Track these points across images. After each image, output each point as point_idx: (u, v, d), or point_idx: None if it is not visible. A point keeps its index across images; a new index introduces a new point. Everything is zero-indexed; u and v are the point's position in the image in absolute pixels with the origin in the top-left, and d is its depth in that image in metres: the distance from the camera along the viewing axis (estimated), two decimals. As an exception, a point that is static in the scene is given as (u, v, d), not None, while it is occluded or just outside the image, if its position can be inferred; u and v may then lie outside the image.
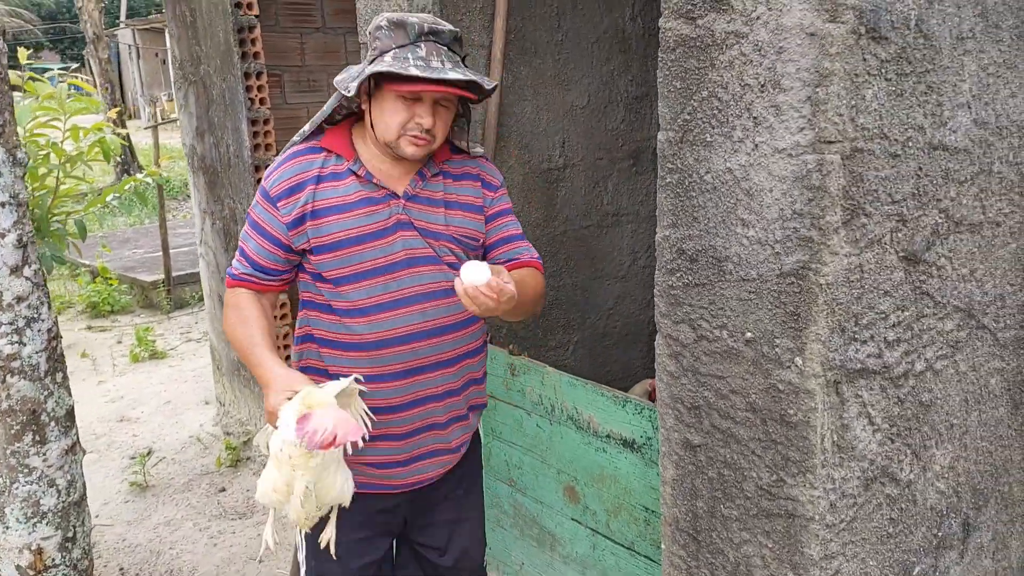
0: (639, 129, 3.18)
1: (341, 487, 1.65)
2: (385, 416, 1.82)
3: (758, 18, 1.52)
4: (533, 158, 2.89)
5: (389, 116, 1.73)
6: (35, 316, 1.97)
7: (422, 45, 1.68)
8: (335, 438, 1.48)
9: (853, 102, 1.49)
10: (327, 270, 1.78)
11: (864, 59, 1.49)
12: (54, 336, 2.04)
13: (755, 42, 1.53)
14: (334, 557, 1.79)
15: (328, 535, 1.75)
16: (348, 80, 1.74)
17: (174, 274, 6.86)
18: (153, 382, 5.02)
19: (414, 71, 1.63)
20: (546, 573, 2.59)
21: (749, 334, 1.66)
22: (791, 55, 1.48)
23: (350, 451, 1.62)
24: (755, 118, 1.56)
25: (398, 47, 1.68)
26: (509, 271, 1.78)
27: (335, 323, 1.82)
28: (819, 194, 1.50)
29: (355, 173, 1.79)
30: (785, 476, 1.67)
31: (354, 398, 1.69)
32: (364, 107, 1.78)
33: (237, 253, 1.86)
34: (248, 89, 3.43)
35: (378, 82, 1.72)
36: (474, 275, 1.59)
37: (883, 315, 1.65)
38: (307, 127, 1.89)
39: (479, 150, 1.98)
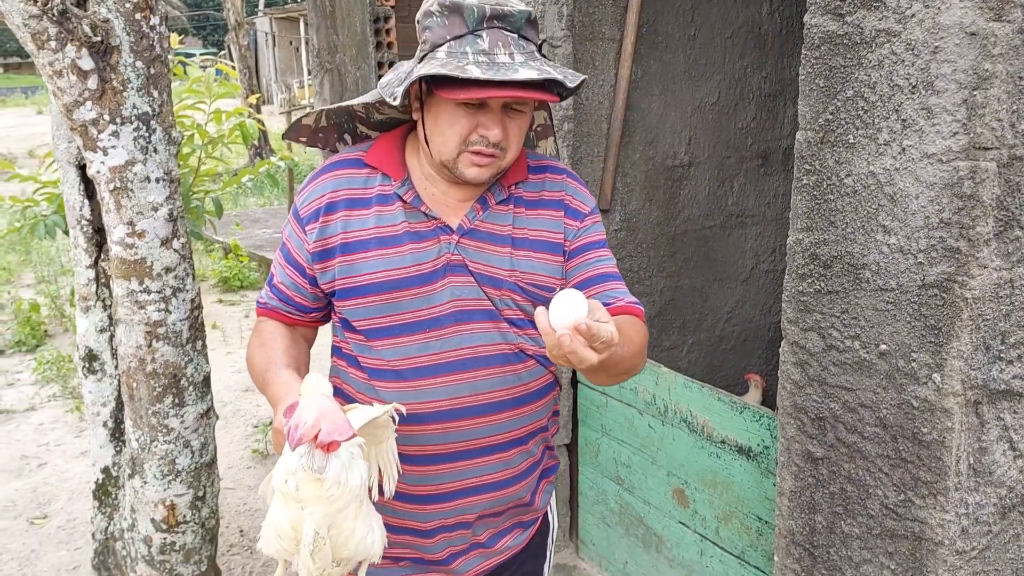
0: (770, 128, 3.09)
1: (364, 536, 1.23)
2: (408, 506, 1.44)
3: (913, 16, 1.45)
4: (657, 154, 2.86)
5: (446, 128, 1.32)
6: (180, 286, 2.09)
7: (484, 34, 1.27)
8: (317, 434, 1.13)
9: (1015, 107, 1.40)
10: (357, 319, 1.40)
11: (1031, 61, 1.40)
12: (196, 306, 2.16)
13: (908, 41, 1.46)
14: None
15: None
16: (394, 84, 1.34)
17: (299, 254, 7.16)
18: (275, 356, 5.26)
19: (474, 71, 1.23)
20: (650, 574, 2.57)
21: (884, 346, 1.59)
22: (948, 55, 1.41)
23: (376, 495, 1.28)
24: (904, 120, 1.49)
25: (454, 38, 1.27)
26: None
27: (363, 383, 1.43)
28: (970, 203, 1.42)
29: (401, 198, 1.40)
30: (914, 497, 1.59)
31: (387, 435, 1.31)
32: (416, 116, 1.39)
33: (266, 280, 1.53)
34: (380, 78, 3.51)
35: (431, 86, 1.31)
36: (565, 309, 1.13)
37: (1034, 335, 1.55)
38: (356, 99, 1.48)
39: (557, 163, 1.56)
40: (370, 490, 1.25)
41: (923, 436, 1.55)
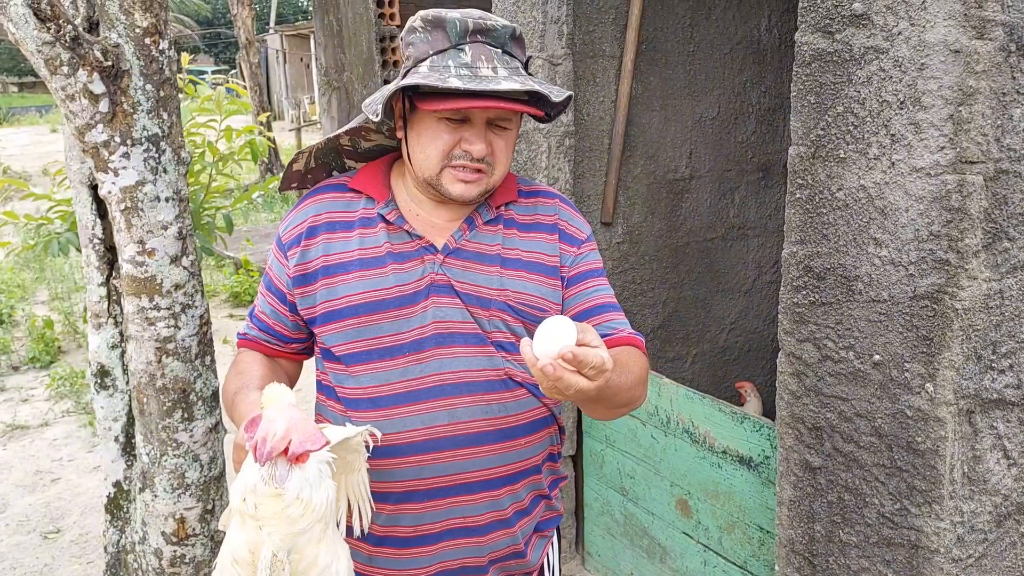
0: (771, 142, 3.12)
1: (328, 565, 1.12)
2: (381, 551, 1.36)
3: (899, 34, 1.49)
4: (659, 168, 2.89)
5: (428, 143, 1.29)
6: (190, 303, 2.14)
7: (467, 48, 1.26)
8: (288, 444, 1.05)
9: (999, 122, 1.43)
10: (336, 344, 1.34)
11: (1013, 77, 1.43)
12: (205, 322, 2.21)
13: (895, 58, 1.50)
14: None
15: None
16: (378, 100, 1.31)
17: (309, 269, 7.23)
18: (285, 370, 5.30)
19: (455, 82, 1.21)
20: (654, 584, 2.59)
21: (877, 357, 1.62)
22: (933, 72, 1.44)
23: (343, 531, 1.19)
24: (893, 135, 1.52)
25: (436, 53, 1.26)
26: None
27: (338, 415, 1.37)
28: (958, 216, 1.45)
29: (384, 218, 1.36)
30: (910, 505, 1.61)
31: (359, 463, 1.22)
32: (400, 135, 1.36)
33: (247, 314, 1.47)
34: (386, 96, 3.57)
35: (414, 101, 1.28)
36: (550, 337, 1.07)
37: (1025, 344, 1.57)
38: (319, 143, 1.48)
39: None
40: (337, 524, 1.17)
41: (917, 445, 1.58)
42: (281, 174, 1.65)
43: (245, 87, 12.59)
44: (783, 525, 1.89)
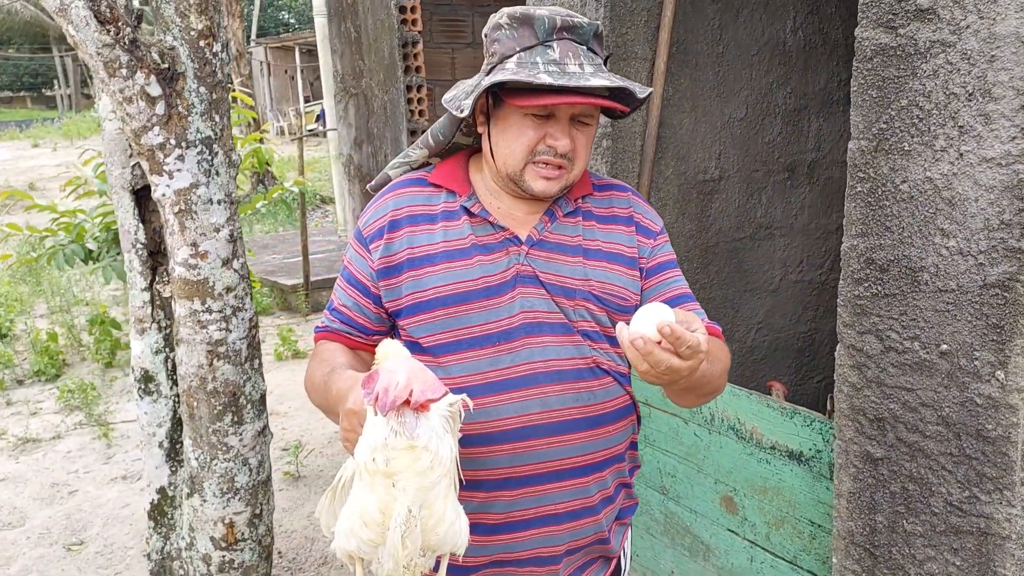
0: (795, 142, 3.15)
1: (454, 522, 1.14)
2: (478, 538, 1.33)
3: (968, 27, 1.51)
4: (689, 169, 2.92)
5: (514, 139, 1.32)
6: (240, 306, 2.13)
7: (555, 45, 1.28)
8: (411, 394, 1.06)
9: (1073, 111, 1.46)
10: (424, 335, 1.35)
11: (1087, 67, 1.45)
12: (254, 325, 2.20)
13: (963, 51, 1.52)
14: None
15: None
16: (460, 97, 1.35)
17: (311, 279, 7.20)
18: (297, 380, 5.28)
19: (546, 78, 1.24)
20: (697, 583, 2.59)
21: (944, 346, 1.64)
22: (1004, 63, 1.47)
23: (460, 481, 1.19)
24: (961, 127, 1.54)
25: (523, 49, 1.29)
26: None
27: None
28: (1031, 204, 1.47)
29: (468, 211, 1.39)
30: (979, 493, 1.63)
31: (453, 432, 1.18)
32: (482, 130, 1.39)
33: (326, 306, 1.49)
34: (409, 101, 3.60)
35: (498, 97, 1.32)
36: (647, 317, 1.11)
37: (1093, 331, 1.60)
38: (413, 151, 1.50)
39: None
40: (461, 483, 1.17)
41: (987, 432, 1.60)
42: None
43: (251, 95, 12.54)
44: (842, 517, 1.91)
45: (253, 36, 26.76)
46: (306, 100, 25.13)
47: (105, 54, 1.79)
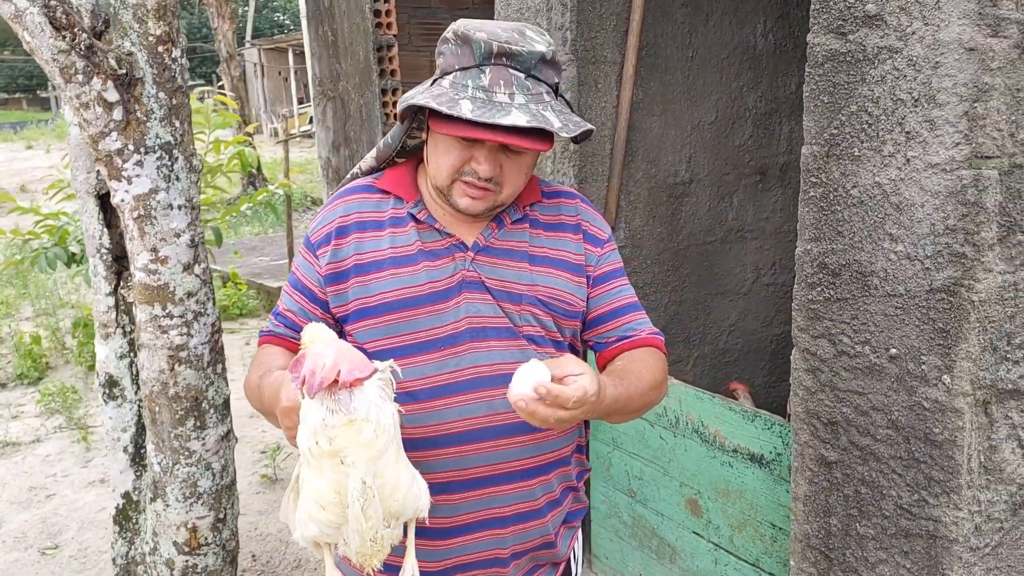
0: (766, 146, 3.17)
1: (410, 485, 1.17)
2: (426, 543, 1.36)
3: (913, 33, 1.52)
4: (659, 173, 2.93)
5: (441, 156, 1.33)
6: (202, 311, 2.13)
7: (487, 70, 1.26)
8: (338, 373, 1.07)
9: (1014, 117, 1.47)
10: (370, 340, 1.36)
11: (1027, 74, 1.47)
12: (216, 330, 2.20)
13: (909, 57, 1.53)
14: None
15: (410, 571, 1.24)
16: (405, 101, 1.34)
17: (297, 281, 7.22)
18: (278, 382, 5.27)
19: (465, 107, 1.22)
20: (665, 585, 2.60)
21: (893, 350, 1.65)
22: (948, 70, 1.48)
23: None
24: (908, 132, 1.55)
25: (460, 69, 1.28)
26: (619, 353, 1.43)
27: None
28: (974, 210, 1.48)
29: (415, 217, 1.39)
30: (927, 496, 1.64)
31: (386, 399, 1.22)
32: (425, 137, 1.40)
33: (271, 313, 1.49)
34: (384, 105, 3.61)
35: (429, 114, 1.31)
36: (525, 380, 1.17)
37: (1039, 335, 1.61)
38: (368, 160, 1.51)
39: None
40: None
41: (935, 436, 1.61)
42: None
43: (235, 98, 12.54)
44: (798, 520, 1.92)
45: (248, 37, 26.75)
46: (300, 101, 25.11)
47: (61, 60, 1.79)
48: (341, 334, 1.43)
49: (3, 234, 5.16)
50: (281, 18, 39.19)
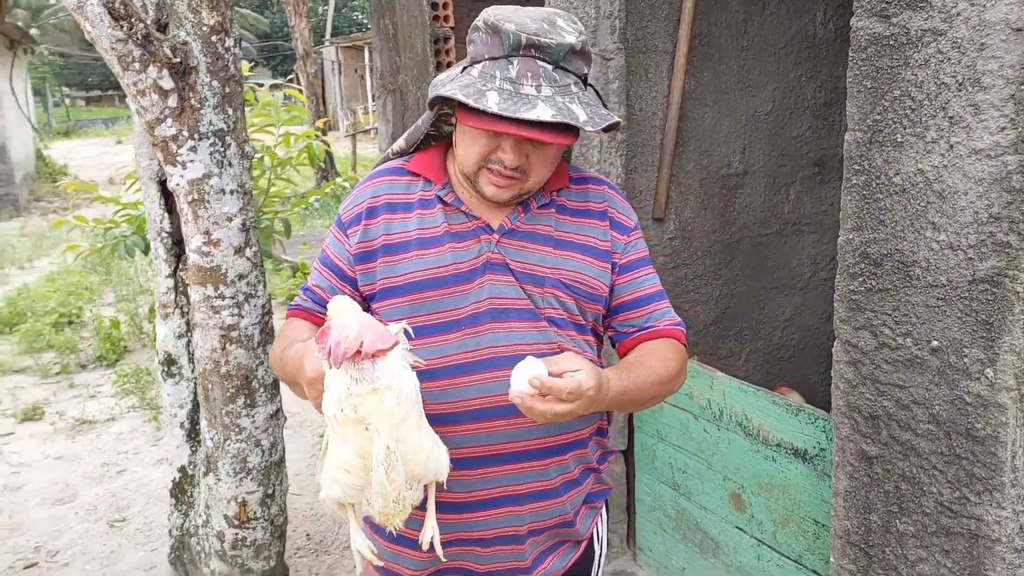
0: (826, 136, 3.09)
1: (432, 449, 1.20)
2: (448, 516, 1.38)
3: (958, 14, 1.47)
4: (712, 163, 2.89)
5: (469, 144, 1.35)
6: (252, 292, 2.21)
7: (516, 61, 1.26)
8: (361, 345, 1.11)
9: (1062, 100, 1.40)
10: (395, 319, 1.36)
11: (1077, 54, 1.40)
12: (267, 311, 2.28)
13: (954, 39, 1.48)
14: (442, 560, 1.32)
15: (430, 532, 1.28)
16: (437, 87, 1.35)
17: (363, 272, 7.36)
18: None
19: (491, 100, 1.22)
20: (707, 580, 2.57)
21: (935, 343, 1.60)
22: (994, 52, 1.42)
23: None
24: (951, 118, 1.50)
25: (490, 59, 1.28)
26: (637, 343, 1.45)
27: None
28: (1019, 197, 1.43)
29: (443, 200, 1.42)
30: (969, 493, 1.59)
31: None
32: (456, 124, 1.41)
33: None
34: (441, 96, 3.63)
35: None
36: (522, 376, 1.21)
37: (1091, 329, 1.54)
38: (399, 143, 1.53)
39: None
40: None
41: (977, 432, 1.55)
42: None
43: (310, 95, 12.85)
44: (838, 516, 1.87)
45: (327, 36, 27.34)
46: (374, 99, 25.54)
47: (119, 49, 1.88)
48: (368, 311, 1.46)
49: (86, 222, 5.42)
50: (360, 17, 39.88)
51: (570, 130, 1.29)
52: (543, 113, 1.22)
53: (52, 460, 4.27)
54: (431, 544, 1.27)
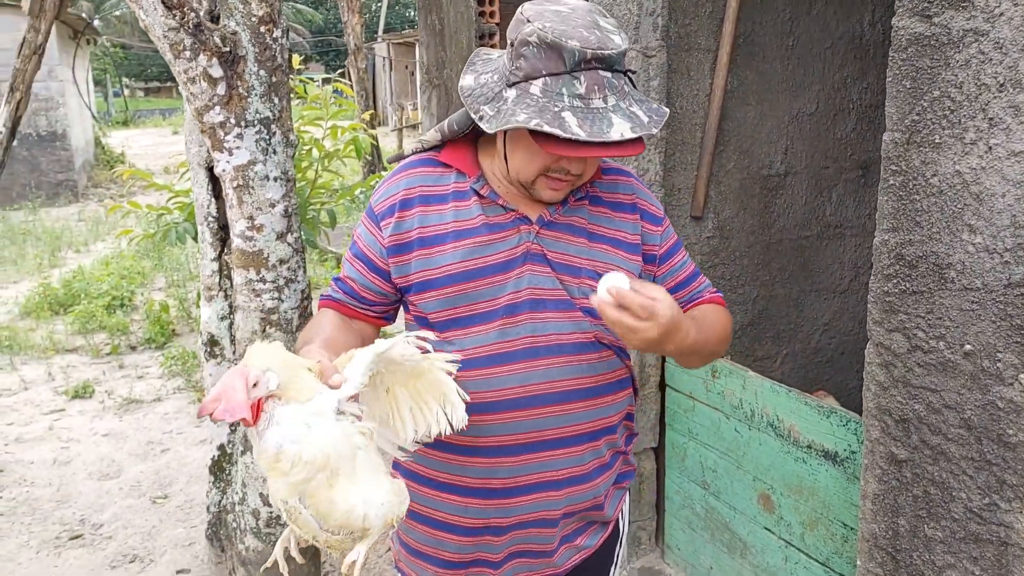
0: (871, 139, 3.05)
1: (353, 507, 1.11)
2: (469, 501, 1.44)
3: (1002, 14, 1.45)
4: (752, 163, 2.87)
5: (528, 158, 1.35)
6: (293, 277, 2.26)
7: (582, 76, 1.24)
8: (214, 411, 1.05)
9: (1105, 103, 1.38)
10: (433, 311, 1.39)
11: (1122, 57, 1.38)
12: (306, 296, 2.33)
13: (996, 40, 1.47)
14: None
15: (353, 556, 1.14)
16: (479, 98, 1.32)
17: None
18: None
19: (571, 123, 1.21)
20: (734, 580, 2.57)
21: (968, 346, 1.58)
22: (1036, 53, 1.41)
23: (455, 425, 1.25)
24: (991, 119, 1.49)
25: (550, 75, 1.24)
26: (687, 311, 1.48)
27: None
28: (1058, 200, 1.41)
29: (478, 193, 1.42)
30: (999, 500, 1.57)
31: (420, 368, 1.23)
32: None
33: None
34: (485, 91, 3.66)
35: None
36: (603, 286, 1.27)
37: None
38: (431, 135, 1.51)
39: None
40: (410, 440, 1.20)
41: (1008, 438, 1.53)
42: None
43: (351, 86, 13.00)
44: (866, 519, 1.86)
45: (380, 32, 27.62)
46: (421, 93, 25.70)
47: (171, 37, 1.94)
48: (401, 301, 1.50)
49: (139, 208, 5.58)
50: (412, 14, 40.18)
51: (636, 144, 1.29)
52: (621, 128, 1.22)
53: (100, 437, 4.42)
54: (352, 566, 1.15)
